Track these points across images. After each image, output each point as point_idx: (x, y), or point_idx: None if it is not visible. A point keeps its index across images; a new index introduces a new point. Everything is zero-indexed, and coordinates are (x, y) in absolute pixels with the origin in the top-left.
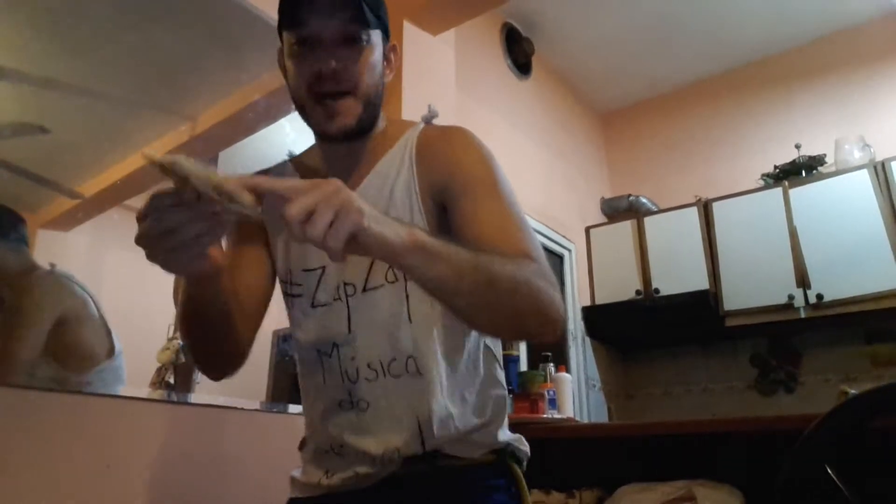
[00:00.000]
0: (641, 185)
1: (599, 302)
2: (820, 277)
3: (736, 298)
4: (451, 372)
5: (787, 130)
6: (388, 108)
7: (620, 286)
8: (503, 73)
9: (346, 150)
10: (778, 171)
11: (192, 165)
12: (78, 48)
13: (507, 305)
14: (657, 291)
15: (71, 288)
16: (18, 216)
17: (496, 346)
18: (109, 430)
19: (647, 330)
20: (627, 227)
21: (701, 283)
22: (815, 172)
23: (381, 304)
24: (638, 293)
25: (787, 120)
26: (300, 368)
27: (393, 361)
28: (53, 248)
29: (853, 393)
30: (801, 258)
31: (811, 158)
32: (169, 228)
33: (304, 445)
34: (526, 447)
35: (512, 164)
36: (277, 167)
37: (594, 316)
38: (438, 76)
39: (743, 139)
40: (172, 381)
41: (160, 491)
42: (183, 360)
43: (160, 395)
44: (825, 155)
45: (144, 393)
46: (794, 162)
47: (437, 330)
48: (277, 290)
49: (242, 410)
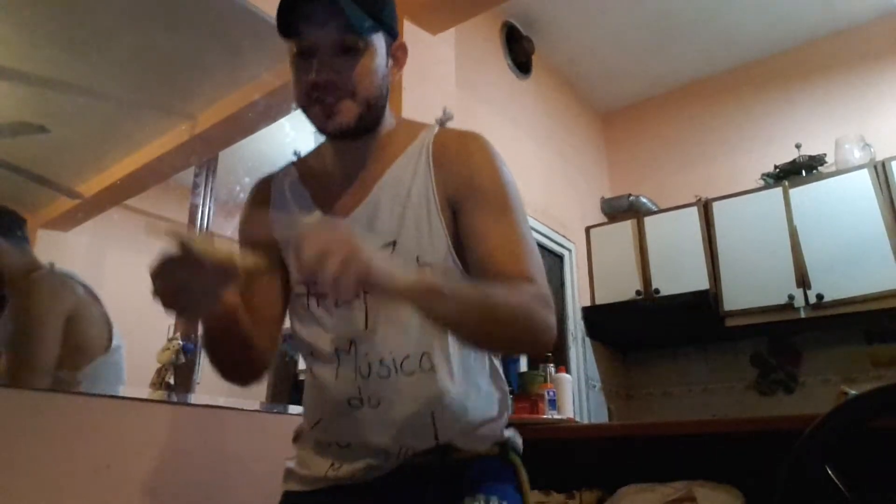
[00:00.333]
0: (641, 184)
1: (599, 302)
2: (820, 277)
3: (736, 298)
4: (463, 366)
5: (787, 130)
6: (388, 106)
7: (620, 286)
8: (503, 72)
9: (355, 147)
10: (778, 170)
11: (197, 242)
12: (78, 48)
13: (504, 333)
14: (657, 291)
15: (73, 286)
16: (20, 216)
17: None
18: (109, 430)
19: (647, 330)
20: (627, 226)
21: (701, 283)
22: (815, 172)
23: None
24: (638, 293)
25: (787, 120)
26: (310, 365)
27: (406, 359)
28: (53, 248)
29: (853, 393)
30: (801, 258)
31: (811, 158)
32: (180, 285)
33: (299, 437)
34: (520, 440)
35: (512, 163)
36: (283, 170)
37: (594, 316)
38: (438, 75)
39: (743, 139)
40: (172, 381)
41: (160, 491)
42: (183, 360)
43: (160, 395)
44: (825, 155)
45: (144, 393)
46: (794, 162)
47: None
48: None
49: (242, 411)
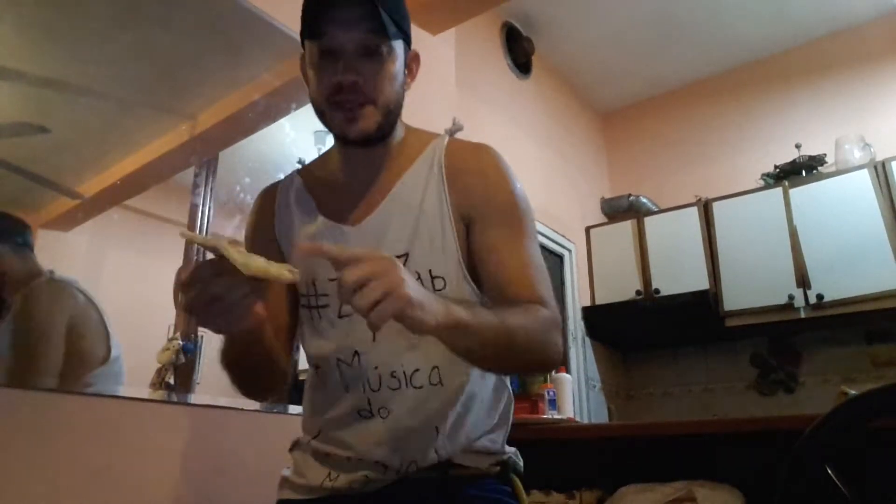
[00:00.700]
0: (641, 184)
1: (599, 302)
2: (820, 277)
3: (736, 298)
4: (470, 378)
5: (787, 130)
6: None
7: (620, 286)
8: (503, 72)
9: (366, 156)
10: (778, 170)
11: (233, 252)
12: (78, 48)
13: (519, 360)
14: (657, 291)
15: (74, 294)
16: (23, 222)
17: None
18: (109, 430)
19: (647, 330)
20: (627, 227)
21: (701, 283)
22: (815, 172)
23: None
24: (638, 293)
25: (787, 120)
26: (313, 378)
27: (416, 372)
28: (53, 248)
29: (853, 393)
30: (801, 258)
31: (811, 158)
32: (214, 296)
33: (296, 447)
34: (521, 462)
35: (512, 163)
36: (287, 179)
37: (594, 316)
38: (438, 76)
39: (743, 139)
40: (172, 381)
41: (160, 491)
42: (183, 360)
43: (160, 395)
44: (825, 155)
45: (144, 393)
46: (794, 162)
47: None
48: None
49: (242, 411)
